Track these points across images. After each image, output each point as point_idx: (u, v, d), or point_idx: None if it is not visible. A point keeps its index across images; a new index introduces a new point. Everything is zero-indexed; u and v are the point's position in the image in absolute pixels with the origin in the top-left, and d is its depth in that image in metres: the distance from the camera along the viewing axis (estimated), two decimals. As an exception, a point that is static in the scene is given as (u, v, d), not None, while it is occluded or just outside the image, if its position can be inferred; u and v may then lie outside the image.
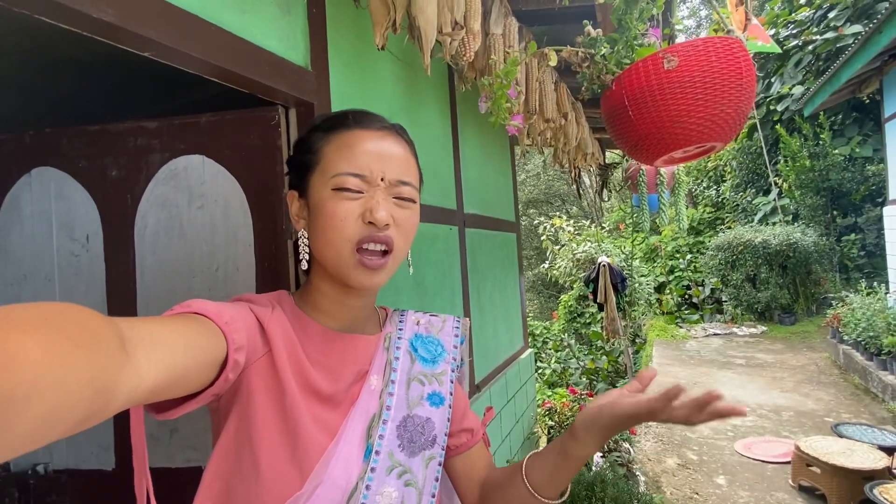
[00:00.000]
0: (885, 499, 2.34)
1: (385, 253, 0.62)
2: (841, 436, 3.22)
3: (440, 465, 0.65)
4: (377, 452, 0.60)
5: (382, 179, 0.62)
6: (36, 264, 1.31)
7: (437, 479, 0.64)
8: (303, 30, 1.24)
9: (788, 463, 3.19)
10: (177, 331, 0.46)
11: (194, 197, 1.27)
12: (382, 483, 0.59)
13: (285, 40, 1.17)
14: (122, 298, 1.29)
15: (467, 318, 0.80)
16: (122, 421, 1.32)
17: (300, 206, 0.66)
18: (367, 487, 0.58)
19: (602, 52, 0.79)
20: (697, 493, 3.11)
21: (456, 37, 1.02)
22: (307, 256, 0.65)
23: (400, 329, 0.72)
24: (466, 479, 0.72)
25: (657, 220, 3.02)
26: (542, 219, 9.61)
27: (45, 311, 0.32)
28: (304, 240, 0.65)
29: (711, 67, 0.68)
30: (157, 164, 1.28)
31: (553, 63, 0.87)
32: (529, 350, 3.33)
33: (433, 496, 0.63)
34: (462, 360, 0.75)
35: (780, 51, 2.17)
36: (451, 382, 0.70)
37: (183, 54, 0.91)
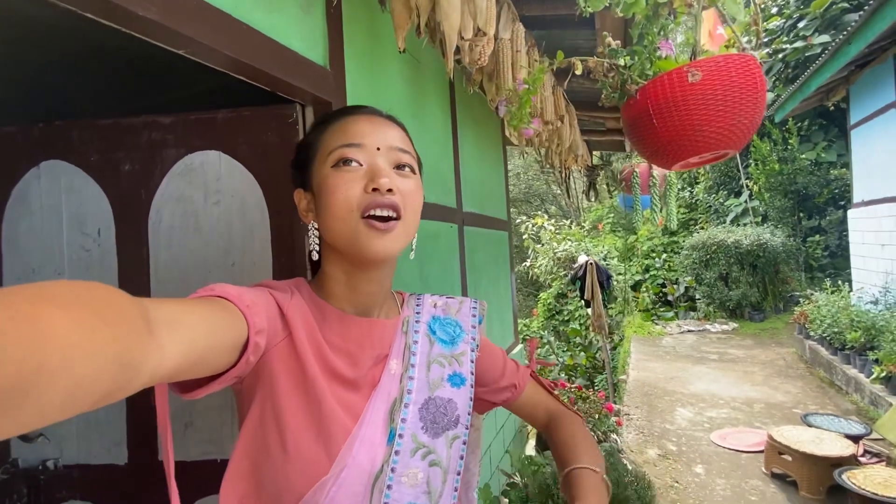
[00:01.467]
0: (854, 483, 2.50)
1: (395, 218, 0.61)
2: (810, 425, 3.41)
3: (464, 443, 0.66)
4: (400, 435, 0.61)
5: (379, 149, 0.62)
6: (45, 258, 1.29)
7: (461, 458, 0.66)
8: (322, 29, 1.26)
9: (761, 452, 3.36)
10: (199, 313, 0.47)
11: (210, 192, 1.28)
12: (407, 465, 0.60)
13: (306, 39, 1.20)
14: (134, 293, 1.28)
15: (484, 301, 0.80)
16: (134, 416, 1.32)
17: (307, 201, 0.66)
18: (393, 470, 0.59)
19: (624, 63, 0.85)
20: (678, 482, 3.25)
21: (477, 43, 1.06)
22: (317, 248, 0.66)
23: (417, 312, 0.72)
24: (524, 412, 0.80)
25: (650, 219, 3.14)
26: (523, 217, 9.75)
27: (75, 288, 0.33)
28: (315, 231, 0.65)
29: (732, 82, 0.75)
30: (172, 159, 1.28)
31: (579, 72, 0.93)
32: (520, 345, 3.41)
33: (458, 474, 0.65)
34: (478, 341, 0.76)
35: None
36: (472, 362, 0.71)
37: (215, 52, 0.93)
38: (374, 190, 0.59)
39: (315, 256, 0.66)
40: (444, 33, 1.06)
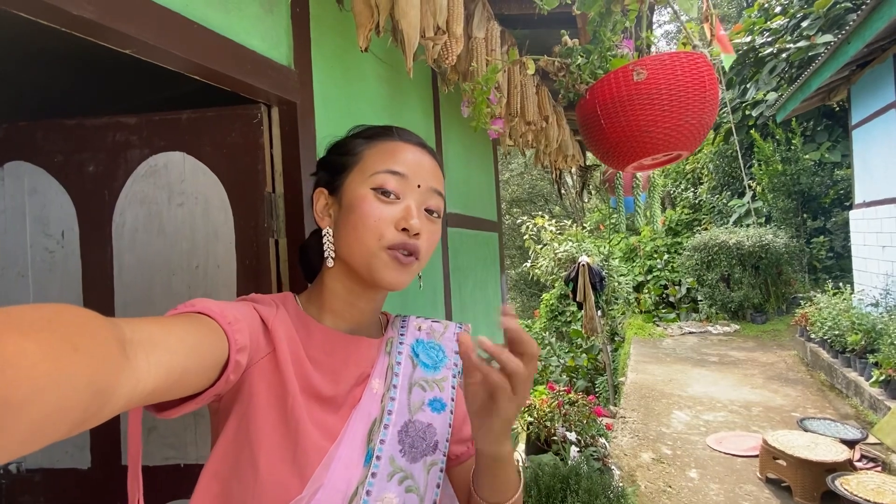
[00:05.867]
0: (846, 489, 2.45)
1: (413, 257, 0.63)
2: (806, 430, 3.36)
3: (442, 471, 0.65)
4: (378, 457, 0.59)
5: (419, 186, 0.64)
6: (8, 260, 1.28)
7: (438, 486, 0.64)
8: (286, 29, 1.24)
9: (757, 456, 3.31)
10: (178, 332, 0.46)
11: (174, 194, 1.26)
12: (383, 489, 0.58)
13: (268, 39, 1.18)
14: (98, 295, 1.27)
15: (469, 325, 0.77)
16: (98, 419, 1.31)
17: (328, 203, 0.67)
18: (368, 493, 0.57)
19: (577, 63, 0.82)
20: (671, 486, 3.21)
21: (438, 41, 1.04)
22: (332, 253, 0.66)
23: (402, 334, 0.72)
24: (463, 489, 0.70)
25: (634, 222, 3.11)
26: (525, 218, 9.70)
27: (45, 313, 0.32)
28: (329, 237, 0.66)
29: (677, 80, 0.72)
30: (137, 161, 1.27)
31: (531, 71, 0.90)
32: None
33: (434, 503, 0.63)
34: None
35: (734, 56, 2.25)
36: (453, 388, 0.69)
37: (165, 52, 0.91)
38: (404, 230, 0.62)
39: (331, 263, 0.66)
40: (403, 31, 1.03)
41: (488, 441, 0.56)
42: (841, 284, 5.70)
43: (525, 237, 9.44)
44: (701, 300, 8.39)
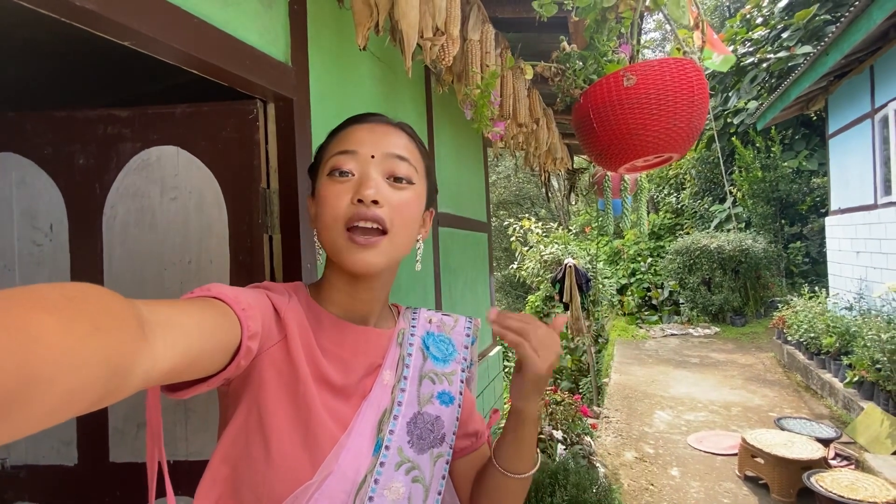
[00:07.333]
0: (822, 486, 2.53)
1: (380, 233, 0.60)
2: (783, 429, 3.45)
3: (447, 463, 0.66)
4: (387, 447, 0.60)
5: (374, 156, 0.61)
6: (-6, 253, 1.26)
7: (443, 478, 0.65)
8: (284, 25, 1.25)
9: (736, 455, 3.40)
10: (194, 316, 0.46)
11: (167, 188, 1.26)
12: (391, 478, 0.59)
13: (266, 35, 1.18)
14: (88, 290, 1.26)
15: (478, 319, 0.77)
16: (84, 416, 1.29)
17: (314, 209, 0.67)
18: (376, 481, 0.58)
19: (574, 68, 0.85)
20: (653, 484, 3.27)
21: (437, 42, 1.06)
22: (319, 250, 0.67)
23: (413, 326, 0.72)
24: (463, 481, 0.72)
25: (620, 224, 3.16)
26: (512, 220, 9.76)
27: (67, 291, 0.33)
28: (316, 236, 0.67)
29: (665, 86, 0.75)
30: (129, 154, 1.26)
31: (529, 76, 0.93)
32: (498, 347, 3.41)
33: (440, 494, 0.64)
34: (472, 360, 0.75)
35: (734, 59, 2.32)
36: (462, 382, 0.70)
37: (163, 44, 0.91)
38: (360, 201, 0.59)
39: (319, 259, 0.67)
40: (402, 32, 1.05)
41: (517, 396, 0.63)
42: (817, 288, 5.87)
43: (512, 239, 9.50)
44: (682, 303, 8.56)
